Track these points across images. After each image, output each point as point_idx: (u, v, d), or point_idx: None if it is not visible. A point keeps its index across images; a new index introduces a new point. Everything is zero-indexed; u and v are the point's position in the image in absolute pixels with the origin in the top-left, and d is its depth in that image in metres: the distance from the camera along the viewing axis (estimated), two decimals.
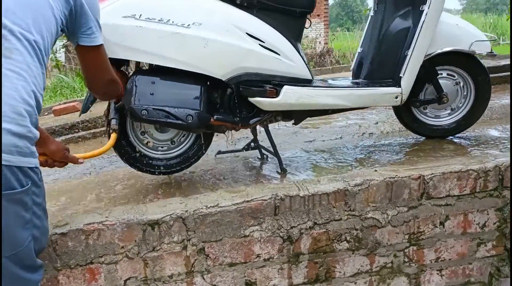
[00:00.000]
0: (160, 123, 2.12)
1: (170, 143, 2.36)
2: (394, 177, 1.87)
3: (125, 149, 2.29)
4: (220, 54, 2.08)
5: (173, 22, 2.00)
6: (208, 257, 1.76)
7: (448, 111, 2.79)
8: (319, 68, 8.12)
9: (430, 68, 2.59)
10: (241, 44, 2.10)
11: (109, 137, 2.06)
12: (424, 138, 2.87)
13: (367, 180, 1.85)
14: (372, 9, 2.80)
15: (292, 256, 1.83)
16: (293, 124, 2.50)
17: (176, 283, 1.75)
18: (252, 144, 2.76)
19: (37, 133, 1.21)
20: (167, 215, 1.70)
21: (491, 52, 2.61)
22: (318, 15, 12.83)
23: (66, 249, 1.65)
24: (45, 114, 5.51)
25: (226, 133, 2.38)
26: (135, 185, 2.49)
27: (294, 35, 2.30)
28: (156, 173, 2.37)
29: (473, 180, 1.91)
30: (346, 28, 24.70)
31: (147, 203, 1.84)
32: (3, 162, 1.10)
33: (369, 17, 2.84)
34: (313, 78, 2.37)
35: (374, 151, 2.75)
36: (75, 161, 1.67)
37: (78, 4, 1.35)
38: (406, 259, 1.93)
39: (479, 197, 1.93)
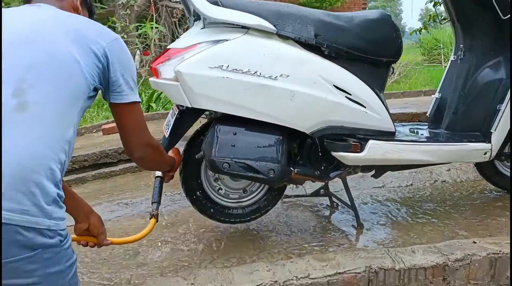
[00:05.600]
0: (242, 177, 2.03)
1: (242, 192, 2.27)
2: (498, 253, 1.71)
3: (196, 195, 2.21)
4: (306, 107, 1.98)
5: (260, 73, 1.92)
6: None
7: None
8: (389, 92, 7.76)
9: None
10: (328, 97, 1.99)
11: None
12: (505, 192, 2.69)
13: (469, 255, 1.70)
14: (453, 54, 2.66)
15: None
16: (372, 176, 2.37)
17: None
18: (322, 190, 2.64)
19: None
20: None
21: None
22: None
23: None
24: (94, 131, 5.54)
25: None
26: (199, 229, 2.41)
27: (379, 85, 2.18)
28: (225, 221, 2.28)
29: None
30: None
31: (231, 267, 1.74)
32: None
33: (450, 61, 2.70)
34: (395, 129, 2.24)
35: (452, 205, 2.58)
36: (102, 242, 1.50)
37: (110, 62, 1.28)
38: None
39: None
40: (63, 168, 1.16)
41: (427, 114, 2.78)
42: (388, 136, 2.19)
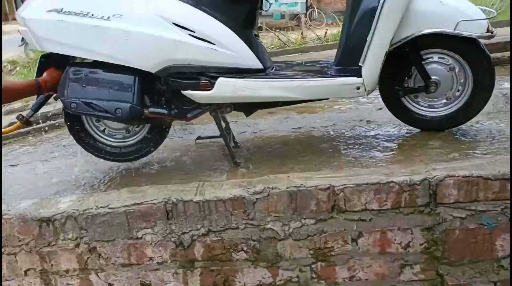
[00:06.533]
0: (90, 115, 2.15)
1: (125, 131, 2.38)
2: (299, 187, 1.68)
3: (79, 135, 2.36)
4: (143, 47, 2.01)
5: (92, 15, 1.97)
6: (100, 256, 1.77)
7: (444, 101, 2.41)
8: None
9: (412, 52, 2.24)
10: (166, 35, 2.00)
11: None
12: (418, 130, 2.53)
13: (268, 188, 1.69)
14: None
15: (186, 262, 1.76)
16: (245, 115, 2.36)
17: (72, 278, 1.81)
18: (226, 131, 2.66)
19: None
20: (58, 213, 1.74)
21: (488, 33, 2.17)
22: None
23: None
24: None
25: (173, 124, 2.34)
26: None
27: (241, 22, 2.13)
28: (111, 159, 2.42)
29: (395, 194, 1.64)
30: None
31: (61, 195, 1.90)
32: None
33: None
34: (265, 67, 2.19)
35: (351, 143, 2.49)
36: None
37: None
38: (314, 275, 1.75)
39: (404, 213, 1.67)
40: None
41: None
42: (254, 73, 2.16)
